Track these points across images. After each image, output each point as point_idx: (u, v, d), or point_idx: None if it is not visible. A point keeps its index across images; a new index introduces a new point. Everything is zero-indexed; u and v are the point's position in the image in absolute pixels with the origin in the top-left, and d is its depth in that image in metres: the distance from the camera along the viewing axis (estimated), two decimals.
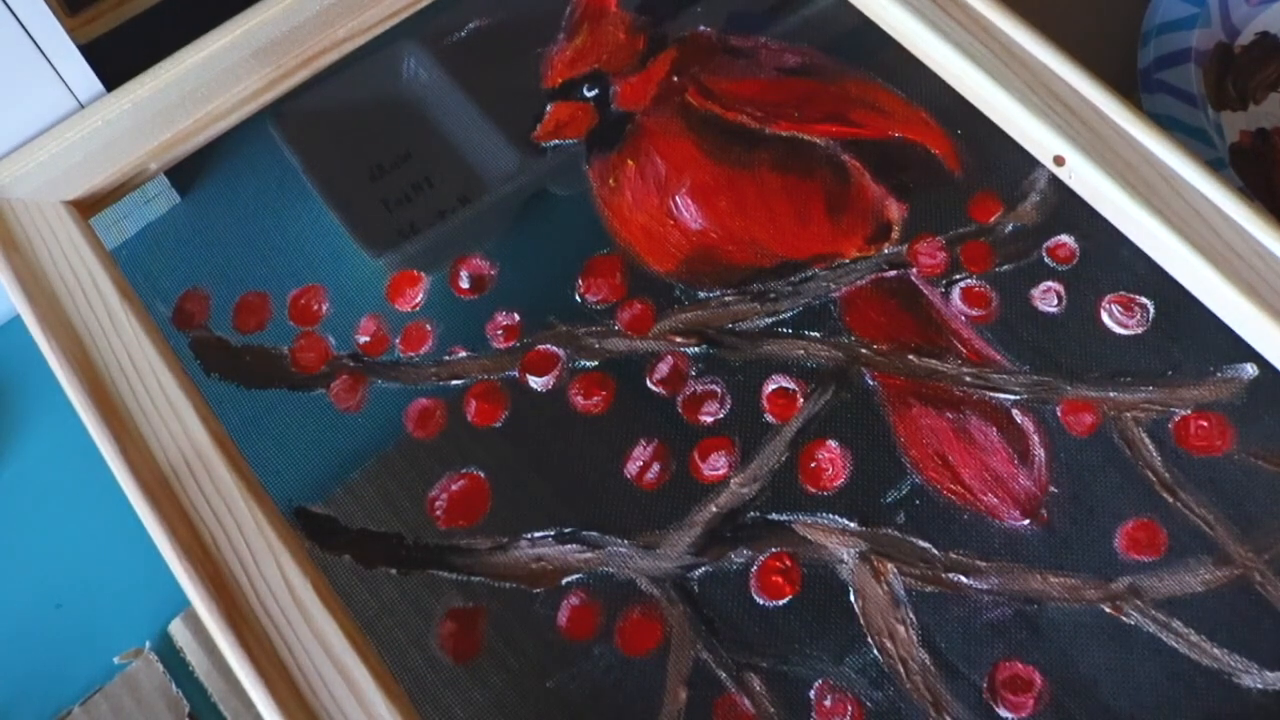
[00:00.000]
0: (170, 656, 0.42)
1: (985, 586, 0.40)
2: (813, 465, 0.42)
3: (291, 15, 0.47)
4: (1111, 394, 0.43)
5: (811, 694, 0.38)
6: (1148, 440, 0.42)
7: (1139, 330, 0.44)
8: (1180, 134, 0.52)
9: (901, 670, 0.38)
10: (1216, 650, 0.38)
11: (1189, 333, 0.43)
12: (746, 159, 0.48)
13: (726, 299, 0.45)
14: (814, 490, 0.41)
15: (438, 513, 0.41)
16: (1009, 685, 0.38)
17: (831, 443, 0.42)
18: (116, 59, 0.47)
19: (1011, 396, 0.43)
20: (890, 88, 0.49)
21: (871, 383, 0.44)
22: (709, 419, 0.43)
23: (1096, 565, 0.40)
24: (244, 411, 0.43)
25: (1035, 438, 0.42)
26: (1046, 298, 0.45)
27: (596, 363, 0.44)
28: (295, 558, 0.36)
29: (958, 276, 0.46)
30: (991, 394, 0.43)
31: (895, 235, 0.47)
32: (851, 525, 0.41)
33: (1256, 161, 0.54)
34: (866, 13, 0.49)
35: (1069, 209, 0.45)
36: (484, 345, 0.45)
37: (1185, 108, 0.53)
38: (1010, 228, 0.46)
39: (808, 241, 0.47)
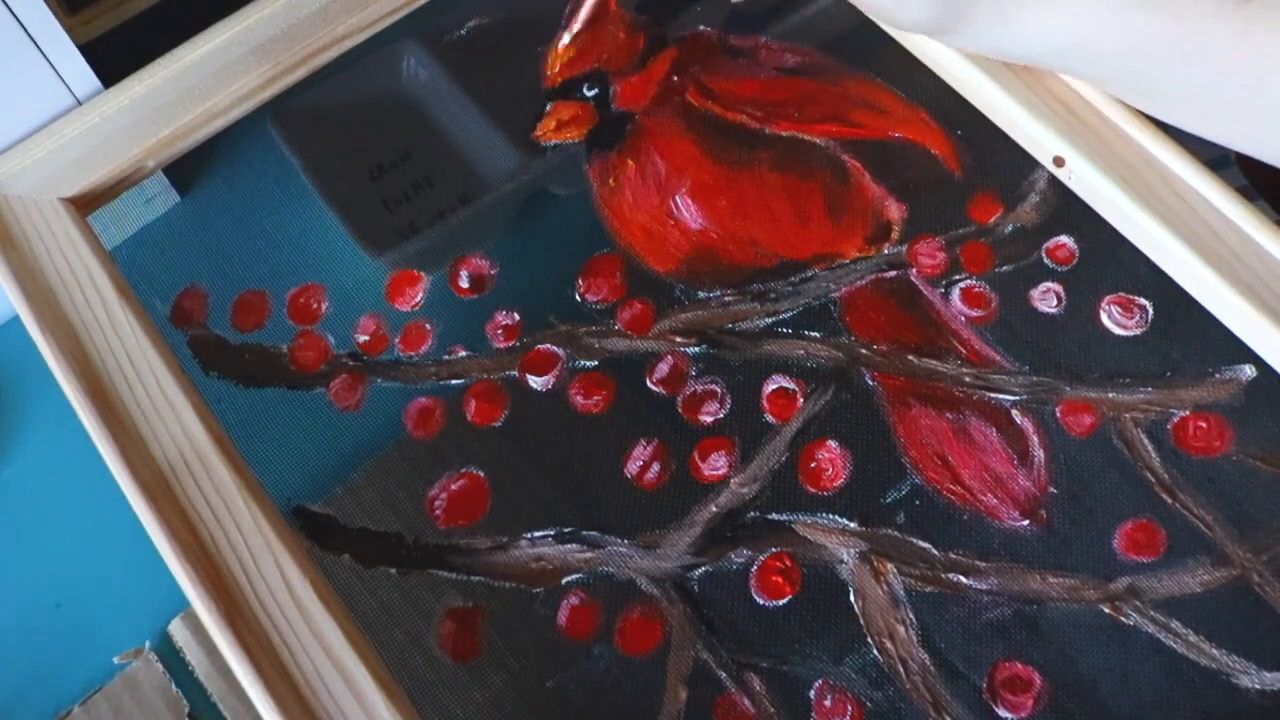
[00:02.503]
0: (170, 656, 0.42)
1: (985, 586, 0.40)
2: (813, 465, 0.42)
3: (290, 12, 0.47)
4: (1110, 395, 0.43)
5: (811, 694, 0.38)
6: (1147, 441, 0.42)
7: (1138, 331, 0.44)
8: (1186, 132, 0.52)
9: (901, 670, 0.38)
10: (1215, 650, 0.38)
11: (1188, 334, 0.43)
12: (746, 159, 0.48)
13: (726, 299, 0.45)
14: (814, 490, 0.41)
15: (437, 512, 0.41)
16: (1008, 685, 0.38)
17: (831, 443, 0.42)
18: (115, 58, 0.46)
19: (1011, 397, 0.43)
20: (890, 88, 0.49)
21: (871, 383, 0.44)
22: (709, 419, 0.43)
23: (1096, 565, 0.40)
24: (243, 410, 0.43)
25: (1035, 438, 0.42)
26: (1046, 298, 0.45)
27: (596, 362, 0.44)
28: (295, 557, 0.36)
29: (957, 277, 0.46)
30: (991, 394, 0.43)
31: (895, 235, 0.47)
32: (851, 525, 0.41)
33: (1262, 160, 0.54)
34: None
35: (1069, 209, 0.45)
36: (484, 345, 0.45)
37: None
38: (1010, 228, 0.46)
39: (808, 241, 0.47)
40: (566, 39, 0.44)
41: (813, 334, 0.45)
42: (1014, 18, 0.32)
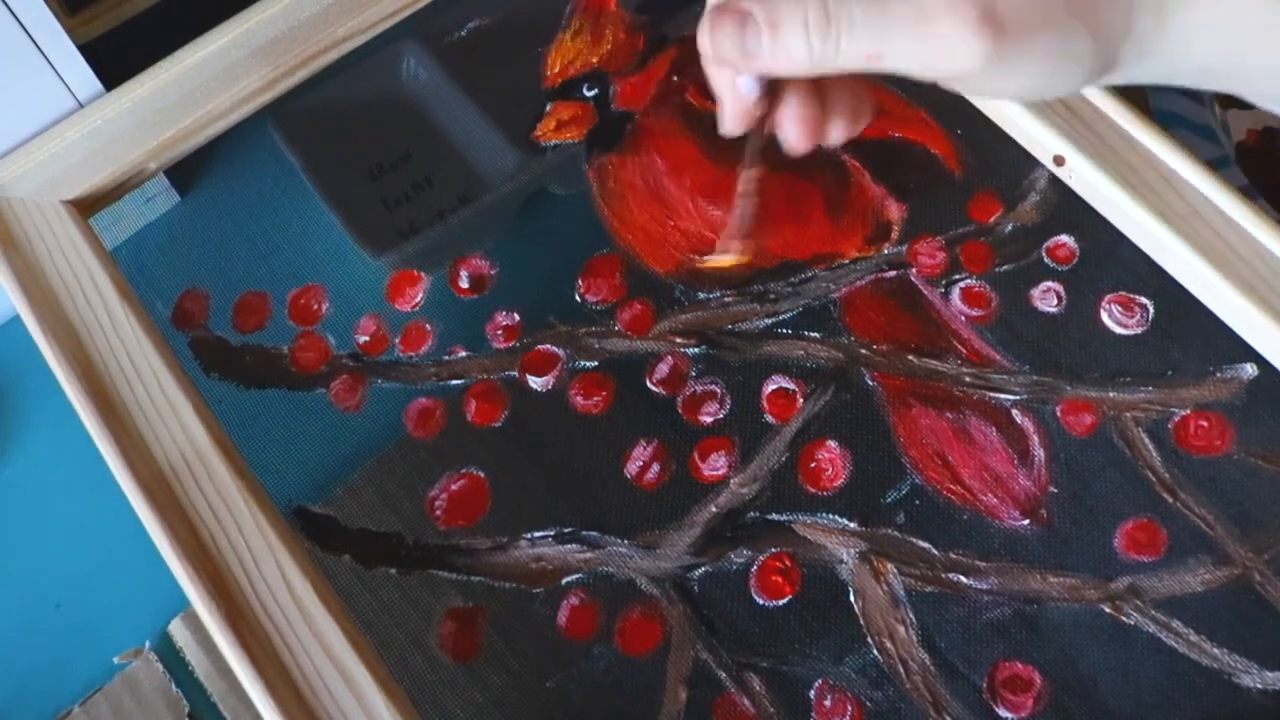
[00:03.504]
0: (170, 656, 0.42)
1: (985, 586, 0.40)
2: (813, 465, 0.42)
3: (291, 14, 0.47)
4: (1111, 394, 0.43)
5: (811, 694, 0.38)
6: (1148, 440, 0.42)
7: (1139, 330, 0.44)
8: (1187, 132, 0.52)
9: (901, 670, 0.38)
10: (1216, 650, 0.38)
11: (1189, 333, 0.43)
12: None
13: (726, 299, 0.45)
14: (814, 490, 0.41)
15: (438, 513, 0.41)
16: (1009, 685, 0.38)
17: (831, 443, 0.42)
18: (116, 58, 0.46)
19: (1011, 396, 0.43)
20: (890, 88, 0.49)
21: (871, 383, 0.44)
22: (709, 419, 0.43)
23: (1096, 565, 0.40)
24: (244, 411, 0.43)
25: (1035, 438, 0.42)
26: (1046, 298, 0.45)
27: (596, 363, 0.44)
28: (295, 558, 0.36)
29: (958, 277, 0.46)
30: (991, 394, 0.43)
31: (895, 235, 0.47)
32: (851, 525, 0.41)
33: (1263, 159, 0.54)
34: None
35: (1069, 209, 0.45)
36: (484, 345, 0.45)
37: (1192, 105, 0.53)
38: (1010, 228, 0.46)
39: (808, 241, 0.47)
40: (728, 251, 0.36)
41: (813, 334, 0.45)
42: (1151, 50, 0.30)
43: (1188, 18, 0.29)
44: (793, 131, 0.32)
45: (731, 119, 0.32)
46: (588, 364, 0.44)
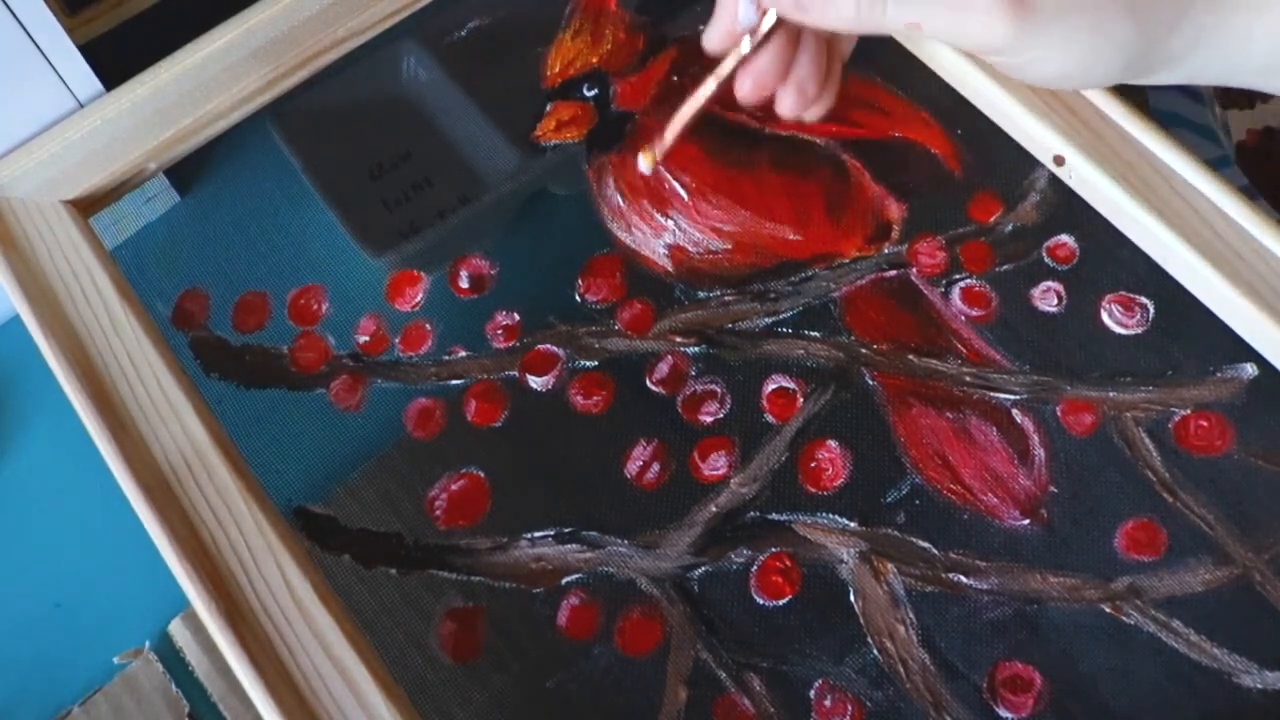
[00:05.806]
0: (170, 656, 0.42)
1: (985, 586, 0.40)
2: (813, 465, 0.42)
3: (291, 14, 0.47)
4: (1111, 394, 0.43)
5: (811, 694, 0.38)
6: (1148, 440, 0.42)
7: (1139, 330, 0.44)
8: (1187, 132, 0.52)
9: (901, 670, 0.38)
10: (1216, 650, 0.38)
11: (1189, 333, 0.43)
12: (746, 159, 0.48)
13: (726, 299, 0.45)
14: (814, 490, 0.41)
15: (438, 513, 0.41)
16: (1009, 685, 0.38)
17: (831, 443, 0.42)
18: (116, 58, 0.47)
19: (1011, 396, 0.43)
20: (890, 88, 0.49)
21: (871, 383, 0.44)
22: (709, 419, 0.43)
23: (1096, 565, 0.40)
24: (244, 411, 0.43)
25: (1035, 438, 0.42)
26: (1046, 298, 0.45)
27: (596, 362, 0.44)
28: (295, 558, 0.36)
29: (958, 276, 0.46)
30: (991, 394, 0.43)
31: (895, 235, 0.47)
32: (851, 525, 0.41)
33: (1263, 159, 0.54)
34: None
35: (1069, 209, 0.45)
36: (484, 345, 0.45)
37: (1192, 105, 0.53)
38: (1010, 228, 0.46)
39: (808, 241, 0.47)
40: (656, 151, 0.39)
41: (813, 334, 0.45)
42: (1209, 42, 0.31)
43: (1250, 18, 0.30)
44: (747, 82, 0.35)
45: (717, 36, 0.35)
46: (588, 364, 0.44)
